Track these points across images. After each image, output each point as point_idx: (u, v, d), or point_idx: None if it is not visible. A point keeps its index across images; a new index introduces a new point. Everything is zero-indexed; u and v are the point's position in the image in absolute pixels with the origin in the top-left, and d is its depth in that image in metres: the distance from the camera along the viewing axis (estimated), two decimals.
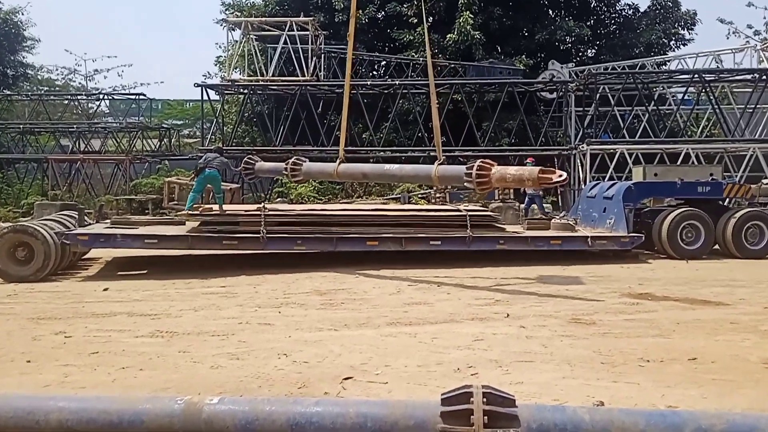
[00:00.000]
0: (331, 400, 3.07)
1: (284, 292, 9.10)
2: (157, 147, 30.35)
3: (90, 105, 34.17)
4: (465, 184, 10.23)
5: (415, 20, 26.72)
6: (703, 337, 6.35)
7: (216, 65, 33.81)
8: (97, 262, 12.76)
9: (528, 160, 15.68)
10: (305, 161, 12.74)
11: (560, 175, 9.01)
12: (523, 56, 26.79)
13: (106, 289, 9.39)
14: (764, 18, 38.90)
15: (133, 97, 32.35)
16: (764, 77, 22.77)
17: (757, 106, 22.86)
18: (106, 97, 33.74)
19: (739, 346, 5.98)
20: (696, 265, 12.10)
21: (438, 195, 19.54)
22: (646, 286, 9.47)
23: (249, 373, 5.09)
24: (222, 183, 13.44)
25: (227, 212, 12.25)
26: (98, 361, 5.53)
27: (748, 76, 23.62)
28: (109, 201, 23.33)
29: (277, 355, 5.64)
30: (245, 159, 11.89)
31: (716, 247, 13.26)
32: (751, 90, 23.40)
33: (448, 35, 25.94)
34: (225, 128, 27.56)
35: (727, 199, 14.32)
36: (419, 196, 21.03)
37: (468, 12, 25.45)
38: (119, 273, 11.43)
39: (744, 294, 8.80)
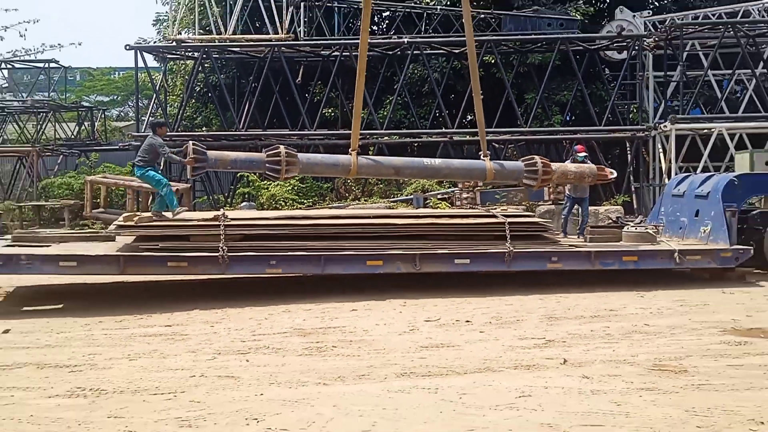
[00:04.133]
0: None
1: (253, 332, 9.08)
2: (75, 134, 30.43)
3: None
4: (524, 181, 12.61)
5: None
6: None
7: (155, 24, 33.90)
8: None
9: (578, 150, 15.57)
10: (295, 153, 12.69)
11: (612, 173, 12.80)
12: (581, 1, 26.83)
13: (6, 332, 9.37)
14: None
15: (40, 64, 32.43)
16: None
17: None
18: (3, 65, 33.89)
19: None
20: None
21: (465, 195, 19.54)
22: (756, 319, 9.45)
23: None
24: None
25: (173, 222, 12.25)
26: None
27: None
28: (10, 209, 23.39)
29: (244, 420, 5.63)
30: (190, 146, 11.76)
31: None
32: None
33: None
34: (169, 107, 27.64)
35: None
36: (439, 197, 21.00)
37: None
38: (24, 309, 11.42)
39: None
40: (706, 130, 22.36)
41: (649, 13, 27.04)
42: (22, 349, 8.39)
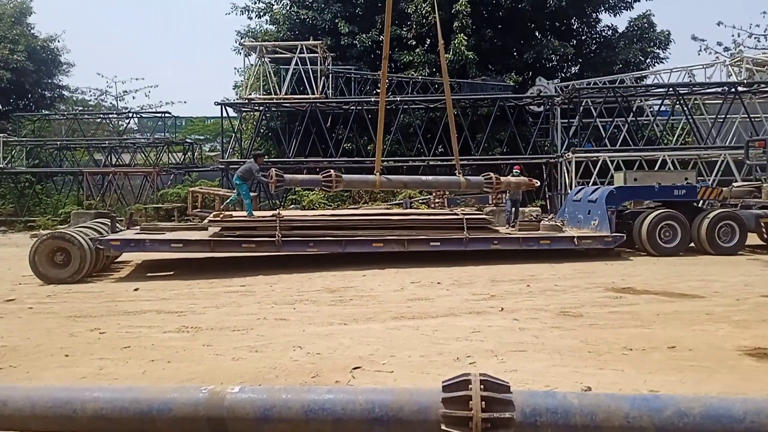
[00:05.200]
0: (341, 389, 3.06)
1: (298, 290, 9.10)
2: (181, 160, 30.39)
3: (120, 123, 34.33)
4: (484, 189, 13.36)
5: (414, 42, 26.76)
6: (681, 327, 6.32)
7: (234, 88, 33.87)
8: (128, 265, 12.77)
9: (515, 169, 15.87)
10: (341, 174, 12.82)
11: (537, 182, 14.07)
12: (513, 73, 26.76)
13: (136, 290, 9.40)
14: (732, 36, 38.74)
15: (159, 115, 32.45)
16: (733, 90, 22.70)
17: (727, 116, 22.79)
18: (134, 115, 33.93)
19: (715, 335, 5.95)
20: (673, 261, 12.07)
21: (437, 200, 19.50)
22: (628, 281, 9.44)
23: (267, 365, 5.08)
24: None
25: (246, 218, 12.23)
26: (130, 354, 5.53)
27: (719, 89, 23.54)
28: (139, 209, 23.34)
29: (292, 347, 5.63)
30: (273, 172, 11.86)
31: (692, 245, 13.23)
32: (721, 101, 23.31)
33: (444, 56, 25.91)
34: (243, 142, 27.59)
35: (701, 201, 14.26)
36: (420, 201, 20.96)
37: (462, 34, 25.46)
38: (148, 274, 11.44)
39: (718, 287, 8.76)
40: (595, 158, 22.33)
41: (558, 80, 26.99)
42: (147, 301, 8.42)
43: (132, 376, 4.86)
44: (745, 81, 23.73)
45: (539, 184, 14.37)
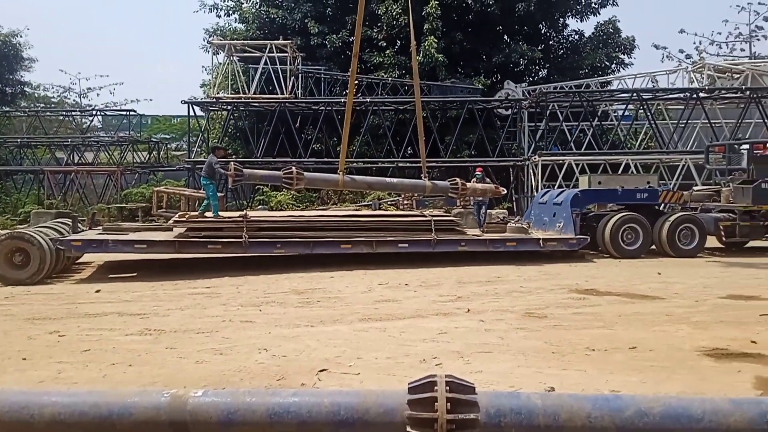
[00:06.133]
0: (307, 391, 3.04)
1: (264, 291, 9.01)
2: (146, 159, 29.86)
3: (84, 120, 33.56)
4: (450, 195, 13.24)
5: (384, 44, 26.81)
6: (642, 328, 6.45)
7: (201, 88, 33.44)
8: (89, 266, 12.48)
9: (477, 171, 15.96)
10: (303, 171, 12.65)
11: (503, 190, 14.29)
12: (482, 77, 27.02)
13: (98, 291, 9.19)
14: (694, 43, 39.87)
15: (124, 113, 31.79)
16: (694, 96, 23.32)
17: (688, 121, 23.41)
18: (98, 113, 33.17)
19: (674, 336, 6.09)
20: (635, 263, 12.31)
21: (406, 202, 19.52)
22: (591, 283, 9.60)
23: (231, 368, 5.02)
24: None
25: (212, 219, 12.06)
26: (90, 358, 5.40)
27: (681, 95, 24.16)
28: (102, 209, 22.85)
29: (257, 350, 5.58)
30: (232, 165, 11.66)
31: (653, 247, 13.51)
32: (683, 107, 23.93)
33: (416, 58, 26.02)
34: (210, 142, 27.21)
35: (663, 205, 14.59)
36: (389, 203, 20.98)
37: (432, 37, 25.61)
38: (110, 276, 11.21)
39: (677, 289, 8.97)
40: (560, 161, 22.67)
41: (525, 84, 27.33)
42: (108, 303, 8.24)
43: (92, 380, 4.75)
44: (707, 87, 24.44)
45: (505, 192, 14.39)
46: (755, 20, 35.71)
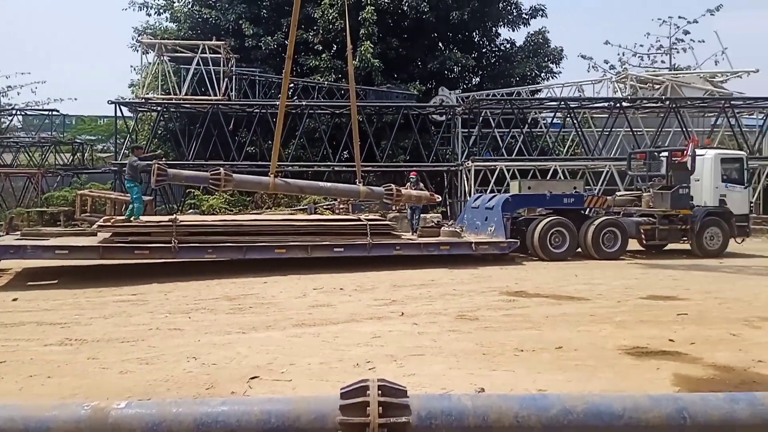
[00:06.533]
0: (236, 399, 2.96)
1: (194, 298, 8.77)
2: (69, 161, 28.52)
3: (2, 120, 31.67)
4: (384, 201, 12.87)
5: (320, 47, 26.71)
6: (568, 328, 6.67)
7: (130, 87, 32.16)
8: (6, 274, 11.76)
9: (411, 175, 16.07)
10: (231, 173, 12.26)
11: (438, 198, 14.03)
12: (417, 82, 27.33)
13: (15, 300, 8.69)
14: (618, 55, 41.75)
15: (46, 112, 30.24)
16: (618, 105, 24.42)
17: (612, 129, 24.48)
18: (18, 112, 31.40)
19: (598, 336, 6.33)
20: (562, 266, 12.73)
21: (342, 206, 19.50)
22: (520, 285, 9.85)
23: (158, 377, 4.85)
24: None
25: (139, 224, 11.64)
26: (5, 370, 5.09)
27: (605, 104, 25.24)
28: (20, 213, 21.62)
29: (186, 358, 5.41)
30: (156, 164, 11.15)
31: (579, 250, 14.01)
32: (607, 115, 25.01)
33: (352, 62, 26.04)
34: (139, 144, 26.28)
35: (588, 209, 15.12)
36: (324, 207, 20.88)
37: (368, 42, 25.71)
38: (29, 283, 10.60)
39: (602, 290, 9.34)
40: (492, 167, 23.15)
41: (459, 91, 27.84)
42: (26, 312, 7.81)
43: (7, 393, 4.47)
44: (629, 97, 25.63)
45: (440, 199, 14.50)
46: (675, 33, 37.62)
